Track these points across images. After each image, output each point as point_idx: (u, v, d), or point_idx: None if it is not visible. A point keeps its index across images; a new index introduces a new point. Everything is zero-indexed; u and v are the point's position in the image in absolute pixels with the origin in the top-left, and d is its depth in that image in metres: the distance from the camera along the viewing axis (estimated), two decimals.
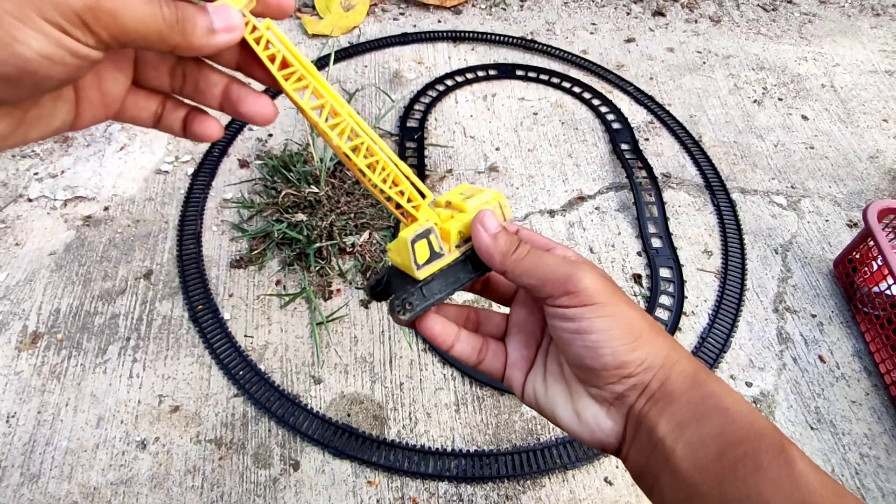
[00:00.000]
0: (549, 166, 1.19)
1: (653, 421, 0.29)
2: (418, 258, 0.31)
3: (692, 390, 0.29)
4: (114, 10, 0.22)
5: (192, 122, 0.30)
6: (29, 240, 1.01)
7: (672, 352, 0.30)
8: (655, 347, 0.30)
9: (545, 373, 0.34)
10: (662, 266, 1.04)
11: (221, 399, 0.85)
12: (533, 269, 0.31)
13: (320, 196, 1.02)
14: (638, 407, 0.30)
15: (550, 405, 0.33)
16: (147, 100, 0.29)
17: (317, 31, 1.41)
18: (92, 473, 0.78)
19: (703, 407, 0.28)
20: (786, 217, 1.15)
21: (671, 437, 0.28)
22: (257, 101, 0.29)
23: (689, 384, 0.29)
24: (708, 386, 0.29)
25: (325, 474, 0.79)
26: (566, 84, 1.34)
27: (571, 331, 0.30)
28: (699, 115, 1.32)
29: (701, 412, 0.28)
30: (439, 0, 1.52)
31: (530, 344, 0.35)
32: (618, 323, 0.29)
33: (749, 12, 1.63)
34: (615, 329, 0.29)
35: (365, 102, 1.27)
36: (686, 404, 0.29)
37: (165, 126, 0.30)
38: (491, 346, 0.36)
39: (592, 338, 0.29)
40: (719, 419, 0.28)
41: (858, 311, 1.00)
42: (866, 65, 1.49)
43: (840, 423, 0.88)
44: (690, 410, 0.28)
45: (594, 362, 0.30)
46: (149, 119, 0.30)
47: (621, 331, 0.29)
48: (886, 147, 1.29)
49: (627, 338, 0.29)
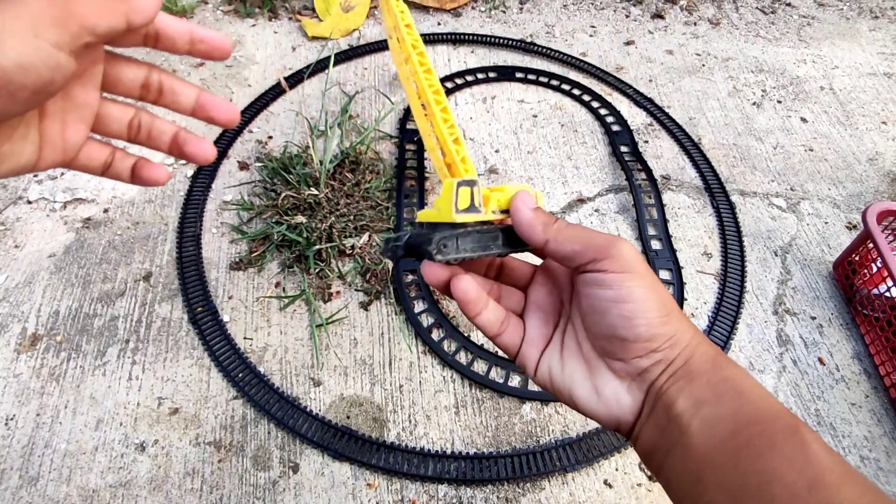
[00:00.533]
0: (548, 168, 1.19)
1: (672, 397, 0.30)
2: (459, 203, 0.33)
3: (712, 371, 0.30)
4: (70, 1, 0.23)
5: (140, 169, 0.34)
6: (28, 242, 1.01)
7: (695, 336, 0.31)
8: (684, 325, 0.31)
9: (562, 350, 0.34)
10: (662, 268, 1.04)
11: (221, 401, 0.85)
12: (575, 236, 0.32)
13: (320, 198, 1.02)
14: (660, 383, 0.30)
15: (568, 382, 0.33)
16: (100, 150, 0.32)
17: (316, 34, 1.41)
18: (91, 476, 0.77)
19: (722, 388, 0.29)
20: (785, 219, 1.15)
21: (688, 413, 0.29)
22: (200, 144, 0.34)
23: (710, 365, 0.30)
24: (728, 369, 0.30)
25: (324, 477, 0.79)
26: (566, 86, 1.34)
27: (609, 298, 0.30)
28: (698, 118, 1.32)
29: (719, 392, 0.29)
30: (439, 2, 1.52)
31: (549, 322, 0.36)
32: (655, 295, 0.30)
33: (748, 15, 1.63)
34: (652, 300, 0.30)
35: (365, 105, 1.27)
36: (706, 384, 0.29)
37: (113, 173, 0.33)
38: (512, 320, 0.36)
39: (629, 307, 0.30)
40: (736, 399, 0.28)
41: (858, 314, 1.00)
42: (865, 67, 1.49)
43: (840, 425, 0.88)
44: (710, 389, 0.29)
45: (627, 332, 0.30)
46: (98, 168, 0.33)
47: (657, 303, 0.30)
48: (885, 149, 1.29)
49: (662, 311, 0.30)
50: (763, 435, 0.27)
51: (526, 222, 0.33)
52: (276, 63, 1.35)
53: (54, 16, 0.23)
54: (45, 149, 0.29)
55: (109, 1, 0.25)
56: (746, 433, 0.27)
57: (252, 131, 1.21)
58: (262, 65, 1.35)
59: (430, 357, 0.91)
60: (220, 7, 1.49)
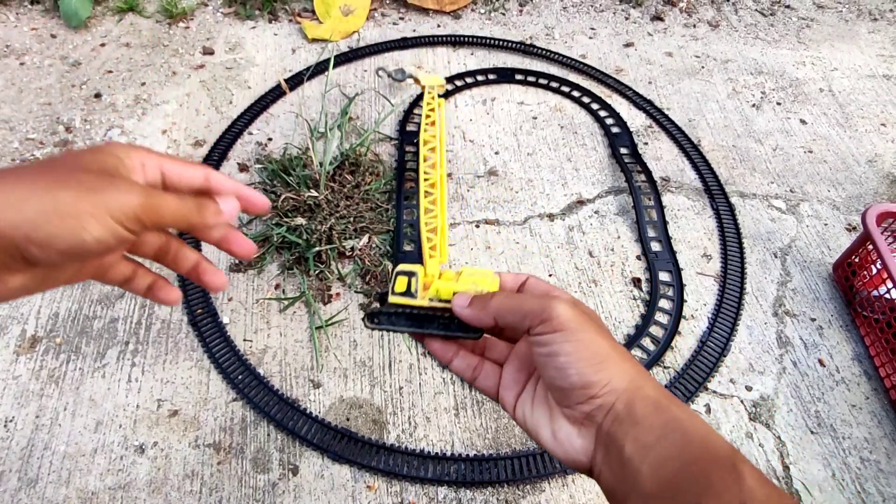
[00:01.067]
0: (548, 170, 1.19)
1: (620, 441, 0.32)
2: (395, 287, 0.40)
3: (655, 414, 0.32)
4: (159, 205, 0.31)
5: (156, 288, 0.38)
6: None
7: (637, 377, 0.34)
8: (620, 372, 0.33)
9: (533, 397, 0.38)
10: (662, 270, 1.04)
11: (220, 403, 0.85)
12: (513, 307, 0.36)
13: (320, 200, 1.02)
14: (605, 427, 0.33)
15: (535, 426, 0.37)
16: (126, 266, 0.37)
17: (317, 36, 1.41)
18: (90, 478, 0.77)
19: (665, 430, 0.31)
20: (785, 221, 1.15)
21: (637, 457, 0.31)
22: (216, 275, 0.39)
23: (652, 408, 0.32)
24: (670, 411, 0.32)
25: (324, 479, 0.79)
26: (565, 88, 1.35)
27: (545, 354, 0.34)
28: (698, 120, 1.33)
29: (663, 434, 0.31)
30: (439, 5, 1.52)
31: (523, 371, 0.40)
32: (584, 346, 0.33)
33: (747, 17, 1.63)
34: (581, 352, 0.33)
35: (364, 106, 1.27)
36: (649, 427, 0.31)
37: (132, 287, 0.38)
38: (486, 367, 0.41)
39: (561, 360, 0.33)
40: (679, 440, 0.31)
41: (858, 315, 1.00)
42: (864, 69, 1.50)
43: (840, 427, 0.88)
44: (653, 433, 0.31)
45: (563, 382, 0.33)
46: (120, 281, 0.37)
47: (587, 353, 0.33)
48: (885, 151, 1.30)
49: (592, 360, 0.33)
50: (701, 474, 0.29)
51: (466, 319, 0.38)
52: (275, 65, 1.35)
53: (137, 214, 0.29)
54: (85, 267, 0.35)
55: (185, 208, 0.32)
56: (687, 473, 0.29)
57: (252, 133, 1.21)
58: (262, 67, 1.35)
59: (430, 359, 0.91)
60: (220, 9, 1.49)
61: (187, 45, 1.39)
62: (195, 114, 1.24)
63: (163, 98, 1.27)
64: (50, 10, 1.44)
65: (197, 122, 1.23)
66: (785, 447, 0.86)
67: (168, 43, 1.39)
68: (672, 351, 0.95)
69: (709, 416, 0.88)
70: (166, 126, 1.21)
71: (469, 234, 1.07)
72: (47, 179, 0.28)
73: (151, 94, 1.28)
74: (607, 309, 0.99)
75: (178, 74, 1.32)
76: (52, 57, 1.34)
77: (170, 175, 0.35)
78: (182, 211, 0.32)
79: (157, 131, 1.20)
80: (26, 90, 1.26)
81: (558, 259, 1.05)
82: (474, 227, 1.08)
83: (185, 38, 1.41)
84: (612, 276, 1.04)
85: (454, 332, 0.39)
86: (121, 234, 0.29)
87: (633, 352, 0.93)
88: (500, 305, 0.36)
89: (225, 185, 0.37)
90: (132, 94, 1.27)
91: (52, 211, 0.27)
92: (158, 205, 0.30)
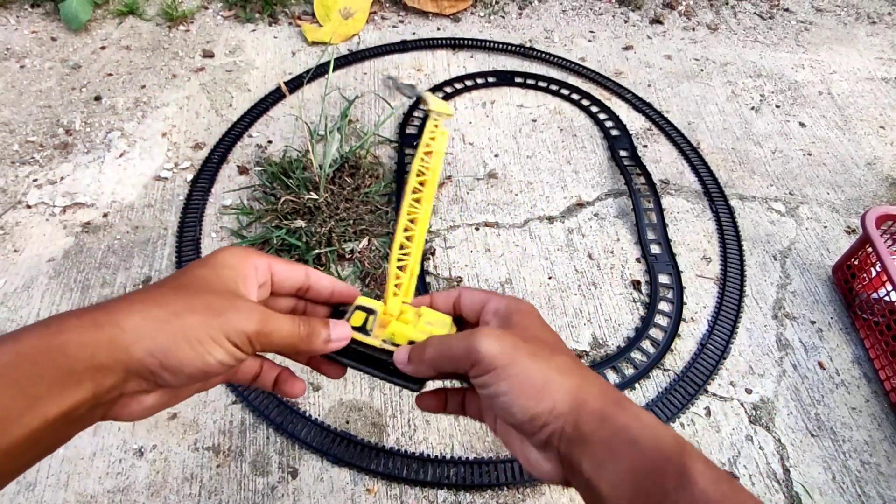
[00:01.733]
0: (547, 173, 1.19)
1: (577, 464, 0.31)
2: (351, 321, 0.39)
3: (602, 429, 0.31)
4: (271, 331, 0.33)
5: (283, 382, 0.40)
6: (27, 246, 1.01)
7: (579, 392, 0.32)
8: (562, 393, 0.32)
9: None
10: (661, 272, 1.04)
11: (219, 406, 0.85)
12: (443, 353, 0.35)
13: (319, 202, 1.02)
14: (562, 451, 0.32)
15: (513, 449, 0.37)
16: (253, 364, 0.39)
17: (316, 39, 1.42)
18: (88, 481, 0.77)
19: (615, 443, 0.31)
20: (784, 223, 1.15)
21: (594, 476, 0.31)
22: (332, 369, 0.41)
23: (598, 423, 0.31)
24: (617, 420, 0.31)
25: (323, 482, 0.79)
26: (565, 91, 1.35)
27: (487, 396, 0.33)
28: (697, 122, 1.33)
29: (613, 448, 0.31)
30: (438, 8, 1.52)
31: None
32: (519, 381, 0.32)
33: (746, 20, 1.64)
34: (517, 388, 0.32)
35: (364, 109, 1.28)
36: (599, 443, 0.31)
37: (259, 382, 0.40)
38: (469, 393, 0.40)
39: (501, 400, 0.32)
40: (629, 453, 0.30)
41: (858, 318, 1.00)
42: (863, 72, 1.50)
43: (840, 429, 0.88)
44: (604, 449, 0.31)
45: (511, 419, 0.33)
46: (248, 379, 0.40)
47: (523, 388, 0.32)
48: (884, 154, 1.30)
49: (531, 392, 0.32)
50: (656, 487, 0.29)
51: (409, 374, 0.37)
52: (275, 68, 1.36)
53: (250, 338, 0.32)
54: (210, 382, 0.36)
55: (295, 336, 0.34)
56: (643, 488, 0.29)
57: (252, 136, 1.21)
58: (262, 69, 1.35)
59: None
60: (220, 12, 1.49)
61: (187, 48, 1.39)
62: (195, 116, 1.24)
63: (163, 101, 1.27)
64: (50, 13, 1.44)
65: (197, 124, 1.23)
66: (785, 450, 0.86)
67: (168, 46, 1.40)
68: (672, 353, 0.95)
69: (709, 418, 0.88)
70: (166, 129, 1.22)
71: (469, 236, 1.07)
72: (177, 305, 0.30)
73: (151, 96, 1.28)
74: (607, 311, 0.99)
75: (178, 77, 1.32)
76: (52, 60, 1.34)
77: (277, 275, 0.38)
78: (293, 339, 0.35)
79: (157, 134, 1.20)
80: (26, 93, 1.26)
81: (558, 261, 1.05)
82: (474, 230, 1.08)
83: (185, 41, 1.41)
84: (612, 278, 1.04)
85: (397, 380, 0.38)
86: (237, 354, 0.32)
87: (632, 354, 0.93)
88: (433, 357, 0.35)
89: (321, 281, 0.40)
90: (132, 97, 1.27)
91: (182, 338, 0.29)
92: (272, 331, 0.33)
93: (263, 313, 0.33)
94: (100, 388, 0.28)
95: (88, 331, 0.28)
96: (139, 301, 0.30)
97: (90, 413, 0.29)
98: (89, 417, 0.30)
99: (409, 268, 0.40)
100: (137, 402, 0.31)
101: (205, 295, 0.32)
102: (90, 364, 0.27)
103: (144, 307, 0.30)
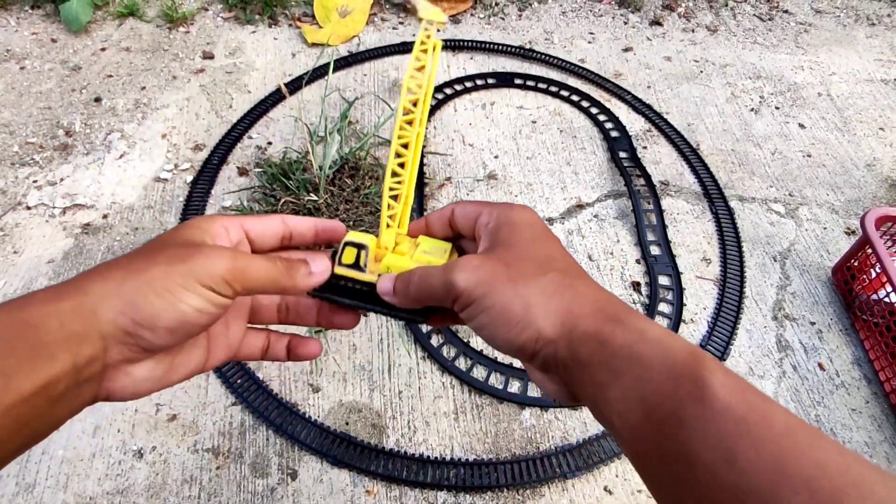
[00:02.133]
0: (547, 174, 1.19)
1: (577, 385, 0.29)
2: (343, 259, 0.36)
3: (600, 351, 0.28)
4: (244, 267, 0.31)
5: (295, 346, 0.39)
6: (27, 248, 1.01)
7: (568, 316, 0.30)
8: (545, 320, 0.30)
9: None
10: (661, 274, 1.04)
11: (219, 408, 0.84)
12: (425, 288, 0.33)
13: (319, 204, 1.02)
14: (561, 375, 0.30)
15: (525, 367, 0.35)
16: (256, 337, 0.38)
17: (316, 40, 1.42)
18: (88, 483, 0.77)
19: (616, 365, 0.28)
20: (784, 225, 1.15)
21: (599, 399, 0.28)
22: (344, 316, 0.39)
23: (595, 345, 0.28)
24: (615, 339, 0.28)
25: (323, 483, 0.79)
26: (564, 92, 1.35)
27: (473, 328, 0.32)
28: (697, 124, 1.33)
29: (615, 370, 0.28)
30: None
31: None
32: (498, 313, 0.30)
33: (745, 22, 1.64)
34: (497, 320, 0.30)
35: (364, 111, 1.28)
36: (598, 366, 0.28)
37: (272, 355, 0.39)
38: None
39: (485, 333, 0.31)
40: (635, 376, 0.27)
41: (857, 319, 1.00)
42: (862, 74, 1.50)
43: (840, 431, 0.88)
44: (605, 372, 0.28)
45: (500, 348, 0.31)
46: (258, 353, 0.38)
47: (501, 319, 0.30)
48: (883, 155, 1.30)
49: (511, 324, 0.30)
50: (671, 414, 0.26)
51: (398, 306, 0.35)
52: (275, 69, 1.36)
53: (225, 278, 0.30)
54: (213, 350, 0.35)
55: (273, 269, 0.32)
56: (656, 416, 0.26)
57: (251, 137, 1.21)
58: (262, 71, 1.35)
59: (430, 363, 0.91)
60: (220, 14, 1.49)
61: (187, 50, 1.39)
62: (195, 118, 1.24)
63: (163, 102, 1.27)
64: (51, 14, 1.44)
65: (197, 126, 1.23)
66: None
67: (168, 47, 1.40)
68: None
69: None
70: (166, 130, 1.22)
71: None
72: (138, 262, 0.29)
73: (151, 98, 1.28)
74: None
75: (178, 79, 1.32)
76: (52, 61, 1.34)
77: (252, 231, 0.36)
78: (271, 273, 0.32)
79: (157, 135, 1.20)
80: (26, 94, 1.26)
81: None
82: None
83: (186, 43, 1.41)
84: (612, 279, 1.04)
85: (399, 313, 0.36)
86: (215, 299, 0.30)
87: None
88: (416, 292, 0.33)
89: (301, 223, 0.38)
90: (132, 99, 1.27)
91: (150, 290, 0.28)
92: (245, 267, 0.31)
93: (233, 252, 0.31)
94: (79, 359, 0.27)
95: (53, 301, 0.27)
96: (103, 267, 0.29)
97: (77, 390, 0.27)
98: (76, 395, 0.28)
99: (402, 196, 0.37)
100: (126, 375, 0.29)
101: (167, 249, 0.30)
102: (61, 334, 0.26)
103: (107, 270, 0.29)
